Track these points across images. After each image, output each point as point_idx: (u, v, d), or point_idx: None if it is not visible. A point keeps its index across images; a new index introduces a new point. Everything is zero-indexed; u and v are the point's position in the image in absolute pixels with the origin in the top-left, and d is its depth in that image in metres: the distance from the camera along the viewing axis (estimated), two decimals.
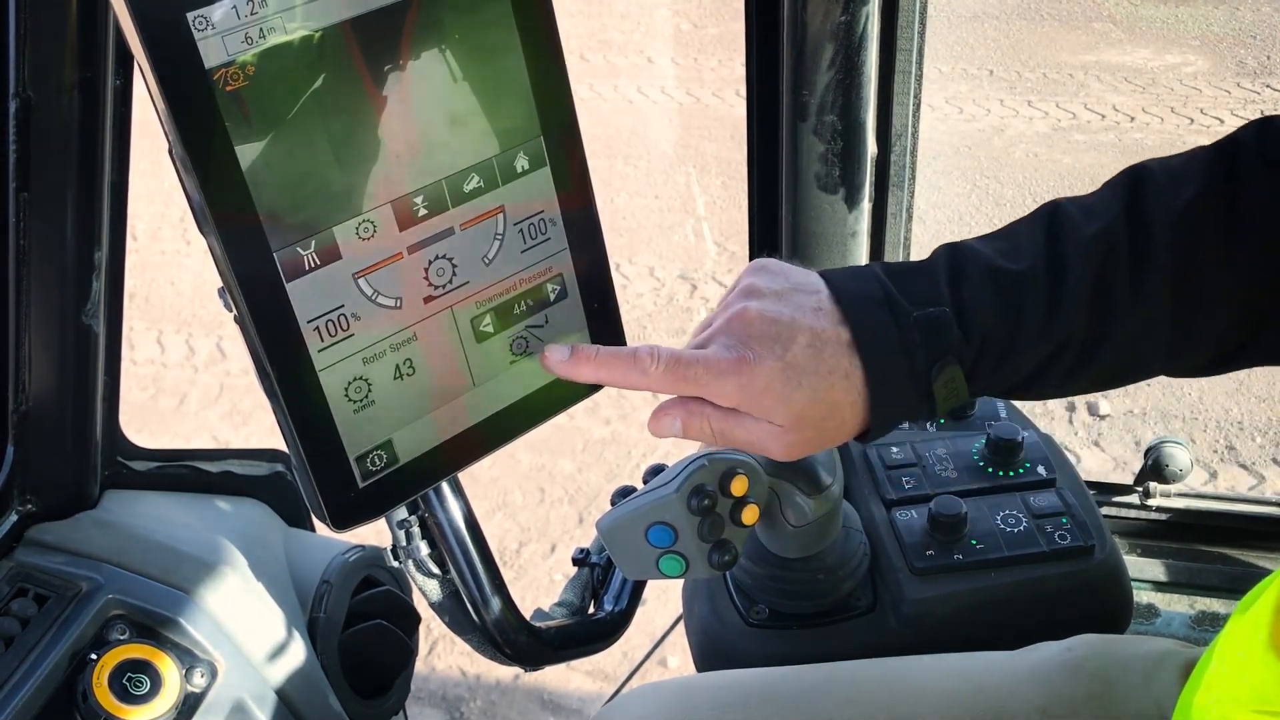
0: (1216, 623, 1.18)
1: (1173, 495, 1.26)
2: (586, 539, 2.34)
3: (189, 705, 0.91)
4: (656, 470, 0.84)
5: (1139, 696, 0.76)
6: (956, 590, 0.90)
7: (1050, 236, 0.65)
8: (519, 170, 0.62)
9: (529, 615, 0.80)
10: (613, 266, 0.69)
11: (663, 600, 2.12)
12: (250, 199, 0.53)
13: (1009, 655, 0.84)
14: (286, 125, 0.54)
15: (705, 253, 3.54)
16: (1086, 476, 1.04)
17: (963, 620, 0.90)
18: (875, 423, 0.65)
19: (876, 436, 0.66)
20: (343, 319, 0.58)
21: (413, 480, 0.64)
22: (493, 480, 2.61)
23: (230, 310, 0.56)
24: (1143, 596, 1.21)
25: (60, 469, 0.99)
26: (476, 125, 0.60)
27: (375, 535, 0.83)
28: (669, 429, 0.67)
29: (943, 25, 4.84)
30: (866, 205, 1.16)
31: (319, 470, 0.60)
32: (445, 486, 0.70)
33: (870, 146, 1.13)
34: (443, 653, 2.20)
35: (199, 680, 0.92)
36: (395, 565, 0.73)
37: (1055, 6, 5.11)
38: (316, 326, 0.57)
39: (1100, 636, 0.84)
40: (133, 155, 0.92)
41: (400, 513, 0.70)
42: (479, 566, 0.72)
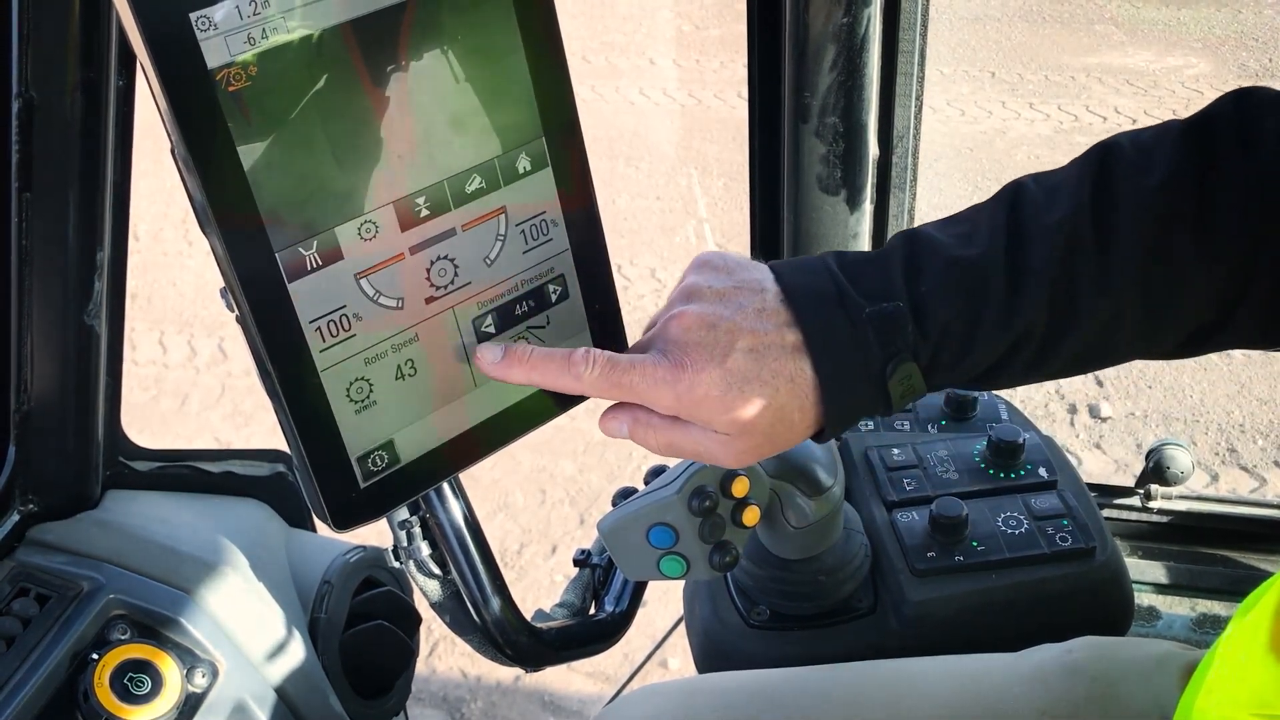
0: (1218, 625, 1.18)
1: (1174, 497, 1.26)
2: (587, 540, 2.34)
3: (190, 705, 0.91)
4: (658, 471, 0.84)
5: (1140, 699, 0.76)
6: (957, 592, 0.90)
7: (1012, 223, 0.62)
8: (521, 171, 0.62)
9: (530, 616, 0.80)
10: (614, 268, 0.69)
11: (664, 601, 2.12)
12: (252, 199, 0.54)
13: (1010, 657, 0.84)
14: (288, 125, 0.54)
15: None
16: (1088, 478, 1.04)
17: (964, 622, 0.90)
18: (829, 422, 0.62)
19: (831, 437, 0.64)
20: (344, 319, 0.58)
21: (414, 481, 0.64)
22: (494, 481, 2.61)
23: (232, 310, 0.56)
24: (1144, 599, 1.21)
25: (62, 469, 0.99)
26: (478, 126, 0.60)
27: (376, 536, 0.83)
28: (617, 431, 0.65)
29: (944, 27, 4.84)
30: (868, 207, 1.16)
31: (320, 470, 0.60)
32: (446, 487, 0.70)
33: (872, 148, 1.13)
34: (444, 653, 2.20)
35: (200, 680, 0.92)
36: (396, 566, 0.73)
37: (1057, 9, 5.11)
38: (318, 327, 0.57)
39: (1101, 639, 0.84)
40: (135, 155, 0.93)
41: (401, 513, 0.70)
42: (480, 567, 0.72)
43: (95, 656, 0.89)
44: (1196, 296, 0.61)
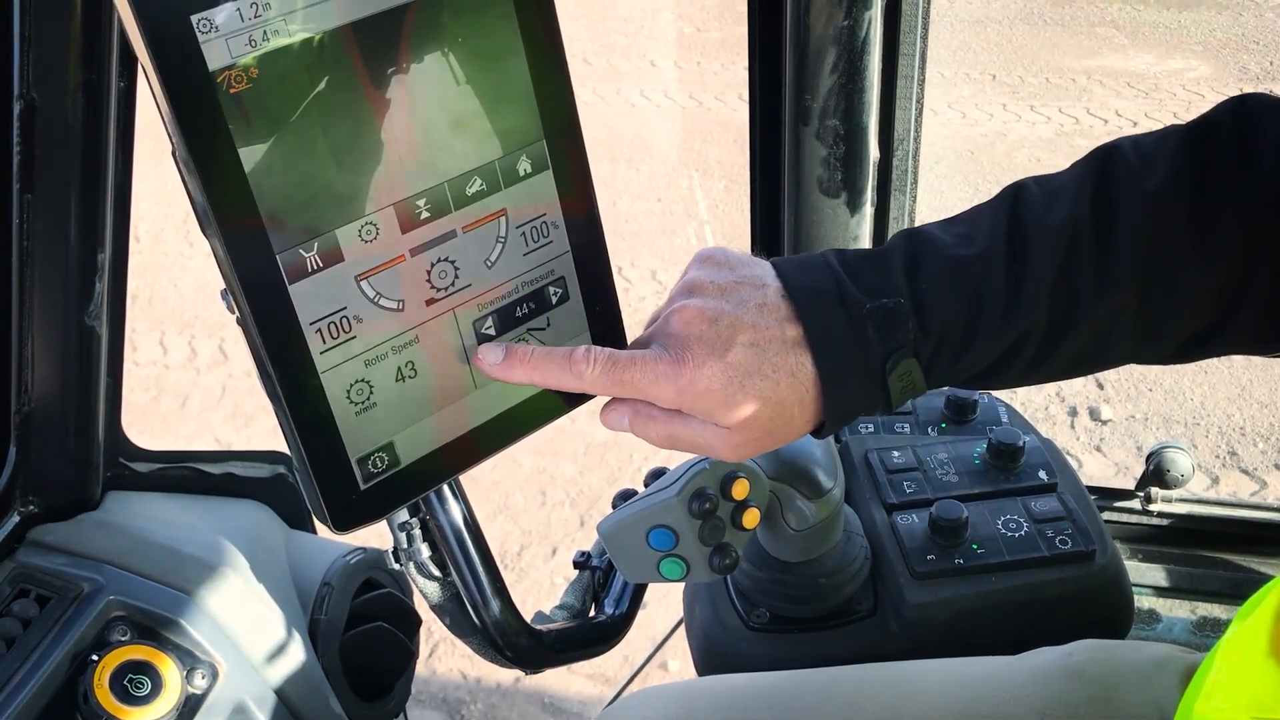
0: (1218, 628, 1.18)
1: (1174, 500, 1.26)
2: (587, 542, 2.34)
3: (190, 706, 0.91)
4: (658, 474, 0.84)
5: (1140, 702, 0.76)
6: (957, 595, 0.90)
7: (1013, 223, 0.62)
8: (521, 173, 0.62)
9: (530, 618, 0.80)
10: (615, 269, 0.69)
11: (663, 604, 2.12)
12: (253, 201, 0.54)
13: (1010, 660, 0.84)
14: (289, 128, 0.54)
15: None
16: (1088, 481, 1.04)
17: (963, 625, 0.90)
18: (829, 418, 0.63)
19: (830, 432, 0.64)
20: (345, 321, 0.58)
21: (414, 482, 0.64)
22: (494, 483, 2.61)
23: (233, 312, 0.56)
24: (1144, 602, 1.21)
25: (62, 470, 0.99)
26: (479, 128, 0.60)
27: (376, 537, 0.83)
28: (618, 424, 0.65)
29: (945, 30, 4.84)
30: (869, 209, 1.16)
31: (320, 472, 0.60)
32: (446, 489, 0.70)
33: (872, 151, 1.13)
34: (443, 655, 2.20)
35: (200, 682, 0.92)
36: (396, 567, 0.73)
37: (1058, 11, 5.11)
38: (319, 328, 0.57)
39: (1101, 642, 0.84)
40: (136, 156, 0.93)
41: (401, 515, 0.70)
42: (480, 569, 0.72)
43: (95, 658, 0.89)
44: (1194, 300, 0.61)
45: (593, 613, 0.91)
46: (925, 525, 0.93)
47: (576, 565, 0.94)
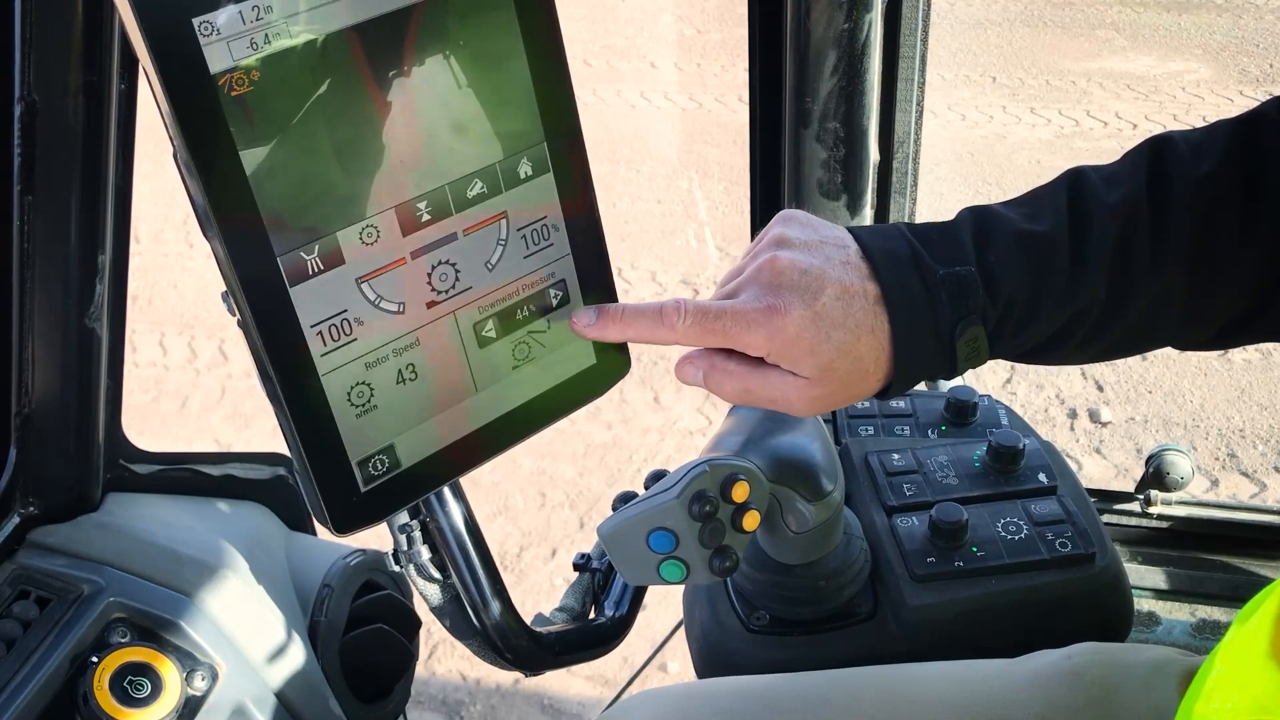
0: (1218, 631, 1.18)
1: (1174, 503, 1.26)
2: (587, 544, 2.34)
3: (190, 708, 0.91)
4: (658, 476, 0.84)
5: (1139, 704, 0.76)
6: (957, 597, 0.90)
7: (1074, 202, 0.66)
8: (522, 176, 0.62)
9: (529, 620, 0.80)
10: (615, 271, 0.69)
11: (663, 606, 2.12)
12: (254, 203, 0.54)
13: (1009, 663, 0.84)
14: (291, 130, 0.54)
15: (707, 258, 3.55)
16: (1088, 484, 1.04)
17: (963, 627, 0.90)
18: (897, 378, 0.65)
19: (897, 393, 0.67)
20: (345, 324, 0.58)
21: (414, 485, 0.64)
22: (494, 485, 2.61)
23: (233, 314, 0.56)
24: (1144, 604, 1.21)
25: (62, 471, 0.99)
26: (480, 131, 0.60)
27: (376, 539, 0.83)
28: (693, 378, 0.67)
29: (945, 32, 4.85)
30: (869, 211, 1.16)
31: (321, 474, 0.60)
32: (446, 491, 0.70)
33: (873, 153, 1.13)
34: (443, 657, 2.20)
35: (200, 683, 0.92)
36: (396, 569, 0.73)
37: (1058, 14, 5.11)
38: (319, 331, 0.57)
39: (1101, 644, 0.84)
40: (136, 158, 0.93)
41: (401, 517, 0.70)
42: (480, 571, 0.72)
43: (95, 659, 0.89)
44: (1236, 287, 0.65)
45: (593, 615, 0.91)
46: (925, 528, 0.93)
47: (576, 567, 0.94)
